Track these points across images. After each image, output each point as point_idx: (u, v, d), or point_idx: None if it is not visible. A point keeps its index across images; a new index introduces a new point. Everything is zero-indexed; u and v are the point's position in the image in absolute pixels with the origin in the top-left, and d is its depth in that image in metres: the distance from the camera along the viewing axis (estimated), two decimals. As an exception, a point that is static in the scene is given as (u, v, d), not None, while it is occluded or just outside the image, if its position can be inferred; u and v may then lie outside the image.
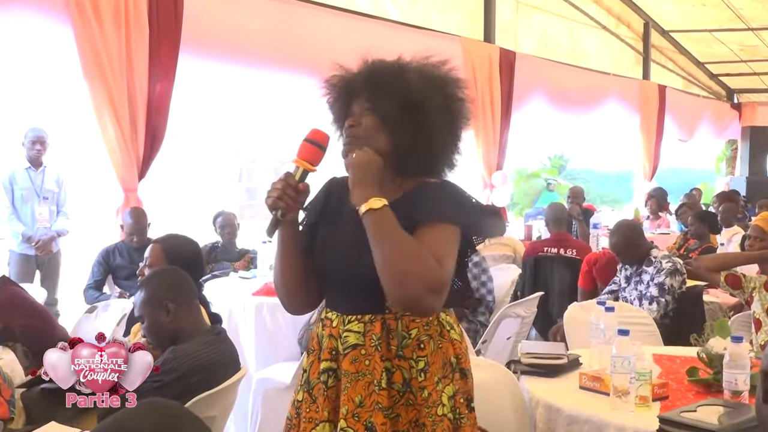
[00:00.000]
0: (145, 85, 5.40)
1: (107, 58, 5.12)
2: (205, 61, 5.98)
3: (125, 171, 5.36)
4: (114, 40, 5.15)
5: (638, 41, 12.38)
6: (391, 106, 1.91)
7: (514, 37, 9.44)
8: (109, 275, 5.37)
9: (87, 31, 5.03)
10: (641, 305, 4.43)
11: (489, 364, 2.94)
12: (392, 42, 6.42)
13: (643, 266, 4.52)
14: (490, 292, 4.81)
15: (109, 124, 5.20)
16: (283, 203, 1.91)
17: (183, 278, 2.84)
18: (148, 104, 5.42)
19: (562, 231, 6.21)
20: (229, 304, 4.59)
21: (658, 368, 3.01)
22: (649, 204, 9.69)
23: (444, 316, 1.98)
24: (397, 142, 1.92)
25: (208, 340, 2.71)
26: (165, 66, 5.50)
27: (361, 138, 1.93)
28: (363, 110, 1.95)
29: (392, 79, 1.93)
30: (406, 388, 1.89)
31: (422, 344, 1.91)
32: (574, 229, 7.58)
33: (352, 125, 1.95)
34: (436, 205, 1.88)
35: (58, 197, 5.91)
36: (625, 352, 2.49)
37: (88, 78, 5.11)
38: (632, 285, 4.58)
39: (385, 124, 1.92)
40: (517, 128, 9.32)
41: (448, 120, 1.96)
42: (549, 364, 2.99)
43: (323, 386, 1.94)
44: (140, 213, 5.30)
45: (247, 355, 4.40)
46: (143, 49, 5.36)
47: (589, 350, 3.12)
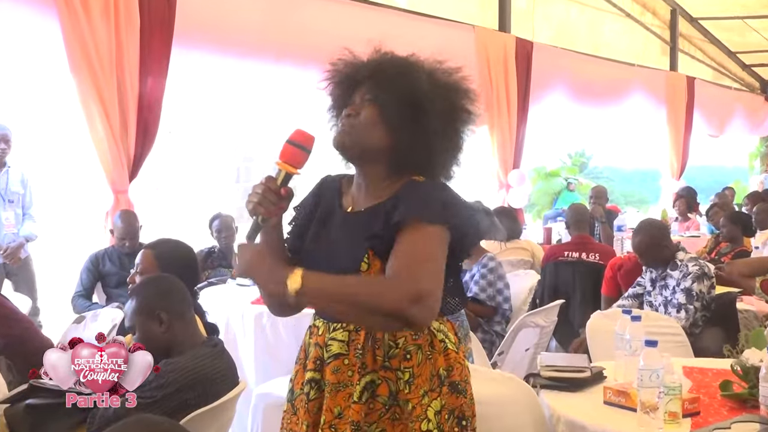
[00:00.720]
0: (136, 80, 5.41)
1: (95, 51, 5.13)
2: (199, 53, 5.99)
3: (115, 171, 5.37)
4: (103, 32, 5.17)
5: (665, 29, 12.36)
6: (394, 101, 1.93)
7: (531, 25, 9.44)
8: (98, 282, 5.37)
9: (74, 22, 5.05)
10: (667, 312, 4.41)
11: (506, 377, 2.93)
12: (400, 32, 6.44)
13: (668, 270, 4.50)
14: (506, 299, 4.80)
15: (98, 121, 5.22)
16: (263, 208, 1.94)
17: (177, 286, 2.84)
18: (139, 100, 5.43)
19: (584, 234, 6.20)
20: (227, 313, 4.59)
21: (688, 382, 2.99)
22: (678, 204, 9.67)
23: (436, 325, 1.98)
24: (394, 139, 1.94)
25: (205, 353, 2.71)
26: (157, 59, 5.51)
27: (357, 129, 1.96)
28: (364, 101, 1.97)
29: (400, 74, 1.95)
30: (393, 401, 1.91)
31: (409, 354, 1.93)
32: (597, 232, 7.57)
33: (350, 114, 1.97)
34: (419, 204, 1.89)
35: (24, 199, 5.79)
36: (653, 365, 2.47)
37: (76, 72, 5.12)
38: (657, 289, 4.56)
39: (385, 119, 1.94)
40: (535, 123, 9.31)
41: (451, 127, 1.98)
42: (571, 377, 2.98)
43: (305, 398, 1.99)
44: (131, 216, 5.30)
45: (246, 368, 4.40)
46: (134, 41, 5.37)
47: (613, 362, 3.10)
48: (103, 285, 5.38)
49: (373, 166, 1.98)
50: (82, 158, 5.49)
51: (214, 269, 5.90)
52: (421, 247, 1.83)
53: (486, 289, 4.74)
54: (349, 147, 1.98)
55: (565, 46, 10.01)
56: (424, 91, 1.93)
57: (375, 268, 1.89)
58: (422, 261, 1.82)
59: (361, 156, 1.99)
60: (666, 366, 2.51)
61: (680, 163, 12.43)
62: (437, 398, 1.93)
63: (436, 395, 1.93)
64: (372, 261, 1.89)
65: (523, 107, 8.94)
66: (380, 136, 1.94)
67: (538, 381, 3.01)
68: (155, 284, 2.86)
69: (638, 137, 13.73)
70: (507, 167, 8.78)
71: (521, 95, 8.89)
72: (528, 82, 8.96)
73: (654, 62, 12.07)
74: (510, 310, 4.85)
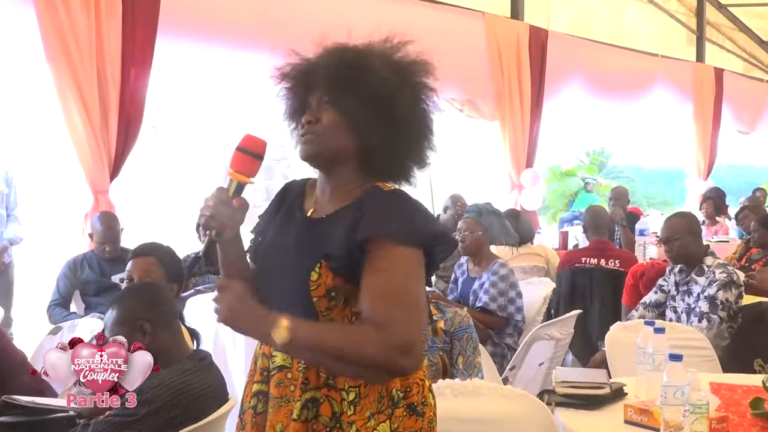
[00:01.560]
0: (117, 71, 5.42)
1: (74, 40, 5.15)
2: (186, 43, 6.00)
3: (95, 170, 5.38)
4: (82, 19, 5.18)
5: (690, 17, 12.36)
6: (353, 100, 1.93)
7: (546, 12, 9.45)
8: (76, 291, 5.38)
9: (51, 8, 5.06)
10: (689, 321, 4.40)
11: (518, 394, 2.93)
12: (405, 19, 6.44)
13: (692, 275, 4.49)
14: (518, 310, 4.80)
15: (77, 116, 5.23)
16: (216, 222, 1.96)
17: (162, 294, 2.85)
18: (121, 93, 5.45)
19: (603, 238, 6.20)
20: (215, 324, 4.58)
21: (716, 399, 2.99)
22: (705, 207, 9.66)
23: None
24: (360, 140, 1.95)
25: (191, 367, 2.71)
26: (140, 49, 5.52)
27: (320, 135, 1.96)
28: (322, 104, 1.98)
29: (354, 69, 1.94)
30: (335, 422, 1.91)
31: None
32: (617, 237, 7.56)
33: (310, 121, 1.98)
34: (386, 220, 1.88)
35: (8, 199, 5.84)
36: (678, 381, 2.47)
37: (53, 62, 5.14)
38: (680, 294, 4.55)
39: (347, 120, 1.95)
40: (550, 119, 9.32)
41: (418, 112, 1.99)
42: (589, 394, 2.98)
43: (252, 411, 2.02)
44: (111, 218, 5.30)
45: (236, 383, 4.39)
46: (116, 29, 5.38)
47: (635, 378, 3.11)
48: (81, 293, 5.38)
49: (341, 170, 2.00)
50: (59, 156, 5.50)
51: (201, 276, 5.89)
52: (399, 281, 1.83)
53: (496, 298, 4.74)
54: (316, 156, 1.99)
55: (583, 34, 10.02)
56: (382, 79, 1.93)
57: (326, 280, 1.89)
58: (404, 302, 1.82)
59: (328, 163, 2.00)
60: (692, 382, 2.51)
61: (707, 162, 12.43)
62: (386, 421, 1.91)
63: (385, 417, 1.91)
64: (324, 272, 1.90)
65: (537, 101, 8.94)
66: (345, 140, 1.95)
67: (553, 398, 3.01)
68: (139, 292, 2.86)
69: (662, 134, 13.72)
70: (520, 166, 8.79)
71: (535, 88, 8.89)
72: (542, 74, 8.97)
73: (679, 53, 12.07)
74: (522, 321, 4.85)
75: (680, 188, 15.46)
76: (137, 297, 2.80)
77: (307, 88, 2.01)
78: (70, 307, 5.33)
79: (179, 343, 2.83)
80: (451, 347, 3.54)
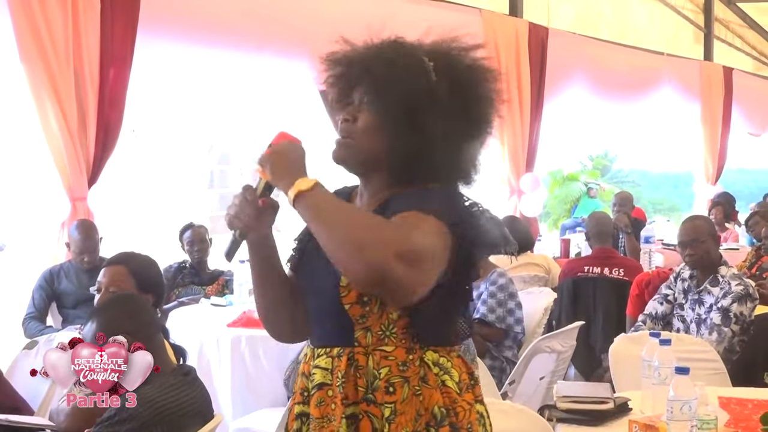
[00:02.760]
0: (96, 71, 5.42)
1: (49, 38, 5.15)
2: (168, 41, 6.01)
3: (72, 175, 5.38)
4: (58, 16, 5.18)
5: (698, 14, 12.41)
6: (392, 106, 1.92)
7: (547, 9, 9.48)
8: (53, 303, 5.38)
9: (24, 3, 5.06)
10: (698, 332, 4.42)
11: (517, 409, 2.94)
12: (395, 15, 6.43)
13: (706, 284, 4.50)
14: (518, 321, 4.81)
15: (53, 118, 5.22)
16: (240, 222, 1.95)
17: (143, 306, 2.86)
18: (99, 94, 5.45)
19: (607, 246, 6.21)
20: (200, 337, 4.60)
21: (725, 414, 3.00)
22: (714, 213, 9.69)
23: (432, 356, 1.93)
24: (395, 148, 1.93)
25: (174, 383, 2.72)
26: (120, 47, 5.53)
27: (354, 139, 1.96)
28: (362, 104, 1.97)
29: (398, 71, 1.93)
30: None
31: (392, 387, 1.88)
32: (621, 244, 7.59)
33: (347, 119, 1.98)
34: (413, 199, 1.86)
35: None
36: (685, 395, 2.49)
37: (27, 61, 5.14)
38: (690, 303, 4.56)
39: (382, 125, 1.94)
40: (551, 121, 9.33)
41: (466, 125, 1.97)
42: (592, 409, 2.99)
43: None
44: (89, 226, 5.30)
45: (221, 399, 4.40)
46: (94, 26, 5.38)
47: (640, 392, 3.12)
48: (58, 305, 5.38)
49: (373, 175, 1.99)
50: (34, 160, 5.48)
51: (185, 287, 5.90)
52: (417, 222, 1.79)
53: (495, 309, 4.75)
54: (346, 160, 1.99)
55: (585, 32, 10.04)
56: (429, 89, 1.91)
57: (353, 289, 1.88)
58: (418, 230, 1.78)
59: (361, 167, 2.00)
60: (700, 396, 2.52)
61: (716, 166, 12.45)
62: None
63: None
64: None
65: (537, 102, 8.96)
66: (379, 146, 1.94)
67: (554, 413, 3.02)
68: (119, 304, 2.87)
69: (668, 136, 13.77)
70: (519, 171, 8.80)
71: (535, 89, 8.91)
72: (543, 73, 8.99)
73: (686, 51, 12.11)
74: (522, 334, 4.85)
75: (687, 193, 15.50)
76: (119, 309, 2.81)
77: (353, 80, 1.98)
78: (46, 320, 5.33)
79: (162, 357, 2.83)
80: (447, 360, 3.55)
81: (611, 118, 11.12)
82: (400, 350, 1.89)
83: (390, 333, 1.90)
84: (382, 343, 1.89)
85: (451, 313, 1.98)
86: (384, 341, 1.89)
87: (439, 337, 1.94)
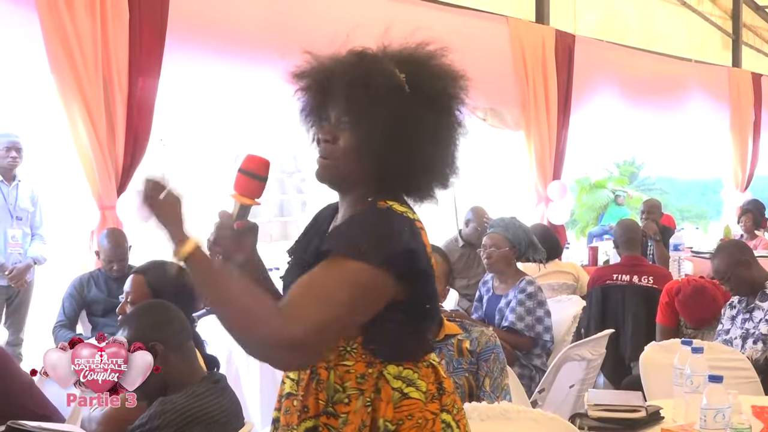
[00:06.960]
0: (125, 81, 5.46)
1: (79, 48, 5.19)
2: (196, 51, 6.03)
3: (102, 184, 5.41)
4: (87, 26, 5.22)
5: (726, 20, 12.35)
6: (377, 129, 1.92)
7: (573, 16, 9.46)
8: (83, 311, 5.41)
9: (55, 15, 5.10)
10: (743, 346, 4.39)
11: (548, 417, 2.93)
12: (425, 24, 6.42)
13: (756, 301, 4.48)
14: (547, 329, 4.79)
15: (82, 127, 5.26)
16: (219, 247, 1.98)
17: (174, 314, 2.86)
18: (128, 103, 5.48)
19: (635, 254, 6.18)
20: (229, 345, 4.61)
21: (759, 423, 2.98)
22: (743, 220, 9.61)
23: (394, 369, 1.93)
24: (376, 164, 1.94)
25: (205, 390, 2.73)
26: (148, 57, 5.56)
27: (337, 160, 1.96)
28: (340, 123, 1.97)
29: (381, 90, 1.92)
30: None
31: (348, 399, 1.91)
32: (650, 252, 7.54)
33: (327, 140, 1.98)
34: (346, 239, 1.88)
35: (33, 217, 5.98)
36: (718, 403, 2.47)
37: (57, 72, 5.17)
38: (738, 324, 4.54)
39: (363, 145, 1.94)
40: (578, 128, 9.31)
41: (441, 131, 1.98)
42: (623, 417, 2.98)
43: None
44: (119, 235, 5.34)
45: (250, 407, 4.41)
46: (122, 37, 5.42)
47: (672, 401, 3.10)
48: (88, 313, 5.41)
49: (352, 190, 2.01)
50: (64, 169, 5.53)
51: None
52: (326, 284, 1.82)
53: (524, 317, 4.73)
54: (329, 180, 2.01)
55: (612, 39, 10.02)
56: (405, 104, 1.92)
57: None
58: (320, 303, 1.80)
59: (341, 184, 2.02)
60: (733, 405, 2.50)
61: (746, 173, 12.38)
62: None
63: None
64: None
65: (564, 110, 8.94)
66: (360, 164, 1.95)
67: (585, 422, 3.01)
68: (150, 312, 2.88)
69: (697, 143, 13.66)
70: (546, 178, 8.78)
71: (562, 96, 8.89)
72: (570, 80, 8.97)
73: (714, 57, 12.05)
74: (551, 342, 4.83)
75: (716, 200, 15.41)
76: (149, 317, 2.82)
77: (327, 95, 1.99)
78: (76, 328, 5.37)
79: (192, 365, 2.85)
80: (477, 368, 3.53)
81: (638, 124, 11.06)
82: (360, 364, 1.93)
83: (351, 349, 1.92)
84: (343, 359, 1.93)
85: (413, 331, 1.98)
86: (345, 357, 1.93)
87: (402, 353, 1.95)
